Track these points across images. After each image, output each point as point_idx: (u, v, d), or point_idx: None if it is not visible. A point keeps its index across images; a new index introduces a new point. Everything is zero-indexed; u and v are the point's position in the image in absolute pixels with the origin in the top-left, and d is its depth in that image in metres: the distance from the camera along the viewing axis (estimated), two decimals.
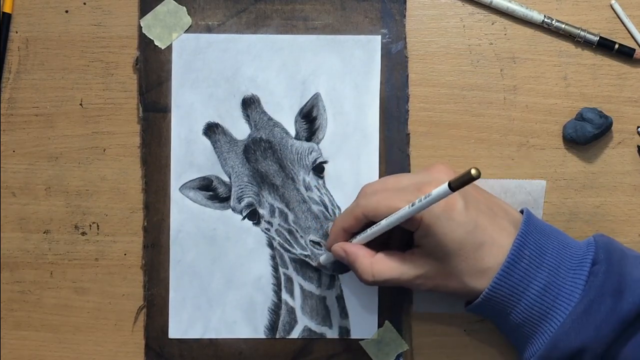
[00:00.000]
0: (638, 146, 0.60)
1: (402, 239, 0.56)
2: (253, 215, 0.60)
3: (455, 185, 0.42)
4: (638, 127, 0.60)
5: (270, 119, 0.60)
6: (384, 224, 0.50)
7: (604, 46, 0.59)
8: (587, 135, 0.58)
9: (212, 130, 0.60)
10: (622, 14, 0.60)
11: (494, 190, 0.59)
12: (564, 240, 0.52)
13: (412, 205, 0.47)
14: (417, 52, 0.60)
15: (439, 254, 0.50)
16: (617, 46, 0.59)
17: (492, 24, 0.60)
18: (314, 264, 0.59)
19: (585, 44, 0.60)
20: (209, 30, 0.60)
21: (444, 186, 0.43)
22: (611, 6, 0.60)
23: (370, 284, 0.52)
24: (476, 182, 0.59)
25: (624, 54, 0.59)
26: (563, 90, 0.60)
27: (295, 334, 0.60)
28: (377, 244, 0.54)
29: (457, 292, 0.52)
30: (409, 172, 0.60)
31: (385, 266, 0.52)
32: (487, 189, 0.59)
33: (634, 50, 0.59)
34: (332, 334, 0.60)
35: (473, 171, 0.41)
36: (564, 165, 0.60)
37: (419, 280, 0.52)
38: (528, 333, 0.52)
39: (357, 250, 0.53)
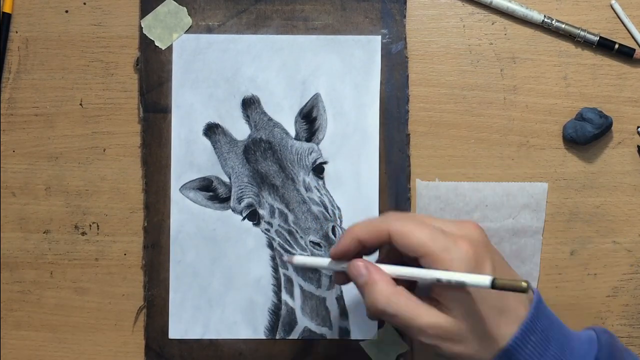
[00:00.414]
0: (638, 146, 0.60)
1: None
2: (253, 216, 0.60)
3: (499, 286, 0.42)
4: (638, 127, 0.60)
5: (270, 119, 0.60)
6: (425, 274, 0.47)
7: (604, 46, 0.59)
8: (587, 135, 0.58)
9: (212, 130, 0.60)
10: (622, 14, 0.60)
11: (496, 193, 0.59)
12: (566, 332, 0.50)
13: (446, 282, 0.45)
14: (417, 52, 0.60)
15: (462, 312, 0.47)
16: (617, 46, 0.59)
17: (492, 24, 0.60)
18: (285, 258, 0.56)
19: (585, 44, 0.60)
20: (209, 30, 0.60)
21: (486, 279, 0.43)
22: (611, 6, 0.60)
23: (378, 314, 0.48)
24: (477, 186, 0.60)
25: (624, 54, 0.59)
26: (563, 90, 0.60)
27: (295, 334, 0.60)
28: None
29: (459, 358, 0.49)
30: (409, 172, 0.60)
31: (405, 301, 0.47)
32: (489, 192, 0.59)
33: (634, 50, 0.59)
34: (332, 334, 0.60)
35: (524, 284, 0.40)
36: (564, 165, 0.60)
37: (432, 331, 0.47)
38: None
39: (380, 274, 0.48)
